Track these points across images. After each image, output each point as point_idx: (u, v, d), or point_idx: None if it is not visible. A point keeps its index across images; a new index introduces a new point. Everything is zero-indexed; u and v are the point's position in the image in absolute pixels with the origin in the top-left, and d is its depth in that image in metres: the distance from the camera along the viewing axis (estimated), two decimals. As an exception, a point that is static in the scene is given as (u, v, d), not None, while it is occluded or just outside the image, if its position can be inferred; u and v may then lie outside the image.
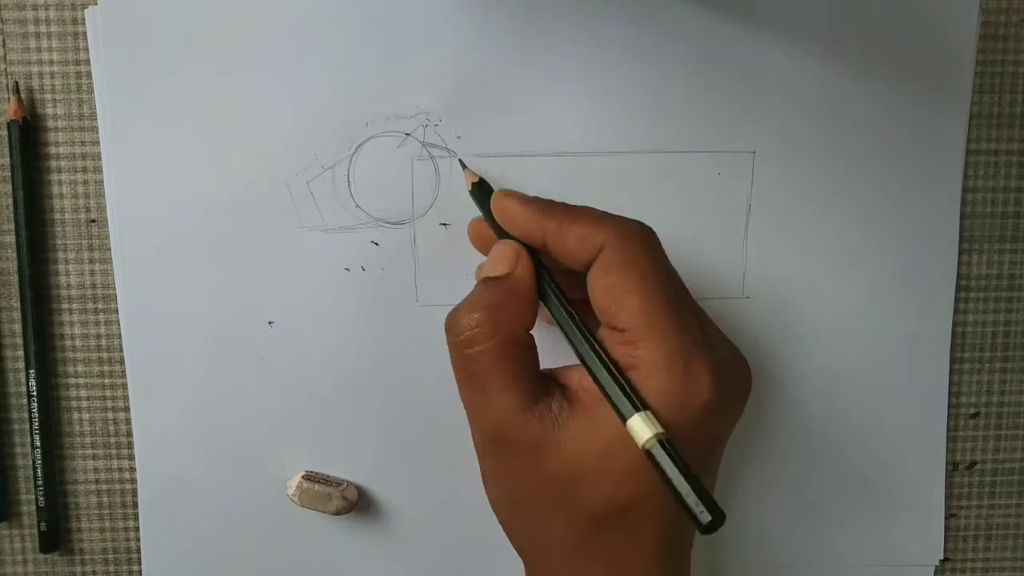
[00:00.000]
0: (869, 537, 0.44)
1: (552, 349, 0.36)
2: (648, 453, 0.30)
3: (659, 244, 0.34)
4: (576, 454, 0.32)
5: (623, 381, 0.31)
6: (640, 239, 0.33)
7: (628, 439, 0.31)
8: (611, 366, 0.32)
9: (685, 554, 0.36)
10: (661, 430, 0.30)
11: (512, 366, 0.33)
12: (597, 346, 0.32)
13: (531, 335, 0.35)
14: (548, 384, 0.34)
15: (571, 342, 0.33)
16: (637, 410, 0.30)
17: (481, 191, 0.38)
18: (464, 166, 0.40)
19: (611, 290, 0.32)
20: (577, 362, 0.33)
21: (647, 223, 0.34)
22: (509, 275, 0.34)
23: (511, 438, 0.33)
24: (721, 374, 0.32)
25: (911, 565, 0.45)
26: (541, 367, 0.35)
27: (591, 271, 0.33)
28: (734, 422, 0.36)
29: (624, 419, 0.31)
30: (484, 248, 0.38)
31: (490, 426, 0.34)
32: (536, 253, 0.35)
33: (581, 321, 0.33)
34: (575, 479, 0.33)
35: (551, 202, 0.35)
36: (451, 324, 0.34)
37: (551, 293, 0.34)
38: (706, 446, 0.33)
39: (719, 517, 0.29)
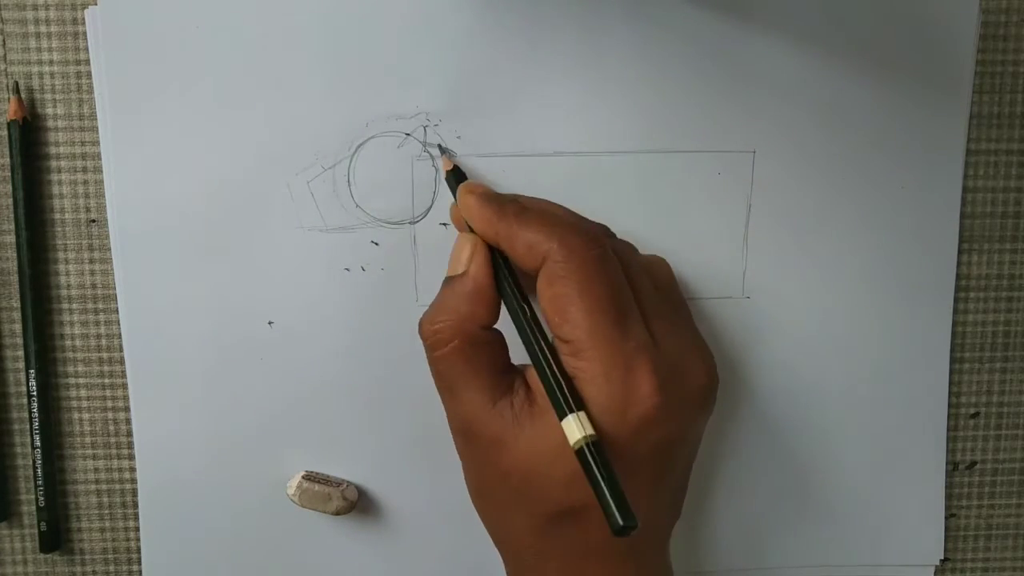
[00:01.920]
0: (869, 537, 0.44)
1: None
2: (578, 454, 0.31)
3: (607, 250, 0.34)
4: (530, 454, 0.33)
5: (562, 383, 0.32)
6: (584, 248, 0.34)
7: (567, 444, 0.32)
8: (555, 368, 0.33)
9: (647, 556, 0.36)
10: (591, 433, 0.31)
11: (473, 366, 0.35)
12: (544, 348, 0.33)
13: (495, 331, 0.36)
14: (514, 381, 0.35)
15: (524, 342, 0.34)
16: (571, 411, 0.31)
17: (455, 179, 0.39)
18: (443, 151, 0.40)
19: (554, 301, 0.33)
20: None
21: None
22: (464, 274, 0.35)
23: (476, 432, 0.35)
24: (667, 380, 0.33)
25: (911, 565, 0.45)
26: (518, 362, 0.36)
27: (537, 280, 0.34)
28: (692, 424, 0.36)
29: (560, 420, 0.32)
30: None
31: (458, 421, 0.36)
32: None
33: (534, 321, 0.34)
34: (529, 478, 0.33)
35: (508, 203, 0.36)
36: (419, 329, 0.36)
37: (508, 290, 0.35)
38: (655, 452, 0.34)
39: (631, 522, 0.30)
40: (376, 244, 0.41)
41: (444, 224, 0.40)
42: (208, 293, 0.41)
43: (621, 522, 0.30)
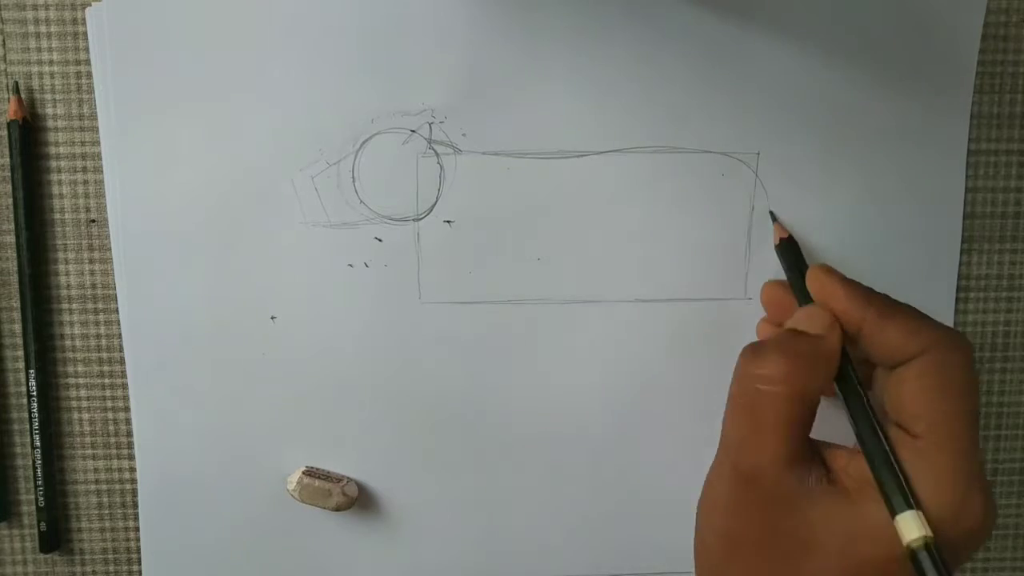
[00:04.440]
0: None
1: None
2: (912, 553, 0.30)
3: (974, 360, 0.34)
4: (818, 528, 0.32)
5: (903, 479, 0.32)
6: (962, 352, 0.33)
7: (880, 534, 0.31)
8: (894, 460, 0.32)
9: None
10: (930, 533, 0.30)
11: (794, 419, 0.33)
12: (886, 438, 0.33)
13: (817, 401, 0.35)
14: (814, 454, 0.34)
15: (856, 427, 0.34)
16: (910, 507, 0.31)
17: (789, 251, 0.39)
18: (775, 219, 0.41)
19: (923, 394, 0.32)
20: (844, 445, 0.34)
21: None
22: (821, 337, 0.34)
23: (762, 482, 0.33)
24: (990, 503, 0.32)
25: (912, 565, 0.45)
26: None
27: (903, 370, 0.33)
28: (970, 553, 0.35)
29: (894, 512, 0.31)
30: (776, 314, 0.40)
31: (747, 463, 0.34)
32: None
33: (871, 410, 0.34)
34: (807, 549, 0.33)
35: (872, 290, 0.36)
36: (754, 354, 0.34)
37: (850, 375, 0.35)
38: (957, 567, 0.33)
39: None
40: (379, 240, 0.41)
41: (448, 221, 0.40)
42: (210, 289, 0.41)
43: None
